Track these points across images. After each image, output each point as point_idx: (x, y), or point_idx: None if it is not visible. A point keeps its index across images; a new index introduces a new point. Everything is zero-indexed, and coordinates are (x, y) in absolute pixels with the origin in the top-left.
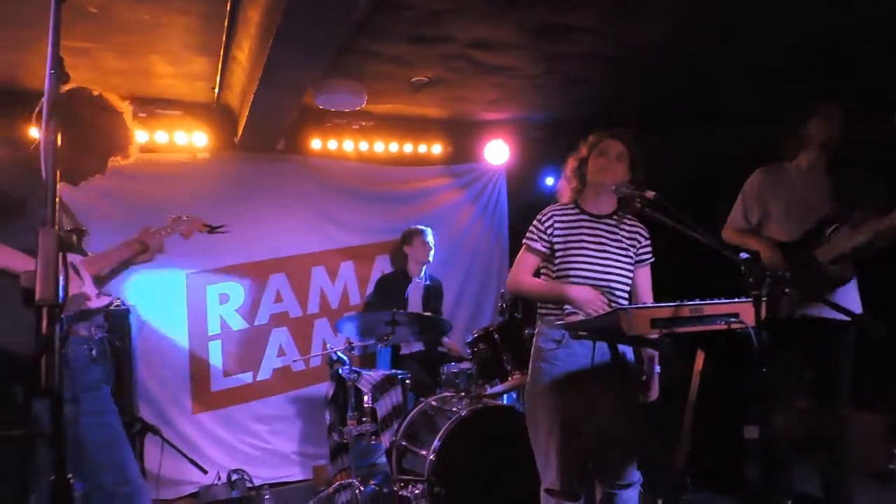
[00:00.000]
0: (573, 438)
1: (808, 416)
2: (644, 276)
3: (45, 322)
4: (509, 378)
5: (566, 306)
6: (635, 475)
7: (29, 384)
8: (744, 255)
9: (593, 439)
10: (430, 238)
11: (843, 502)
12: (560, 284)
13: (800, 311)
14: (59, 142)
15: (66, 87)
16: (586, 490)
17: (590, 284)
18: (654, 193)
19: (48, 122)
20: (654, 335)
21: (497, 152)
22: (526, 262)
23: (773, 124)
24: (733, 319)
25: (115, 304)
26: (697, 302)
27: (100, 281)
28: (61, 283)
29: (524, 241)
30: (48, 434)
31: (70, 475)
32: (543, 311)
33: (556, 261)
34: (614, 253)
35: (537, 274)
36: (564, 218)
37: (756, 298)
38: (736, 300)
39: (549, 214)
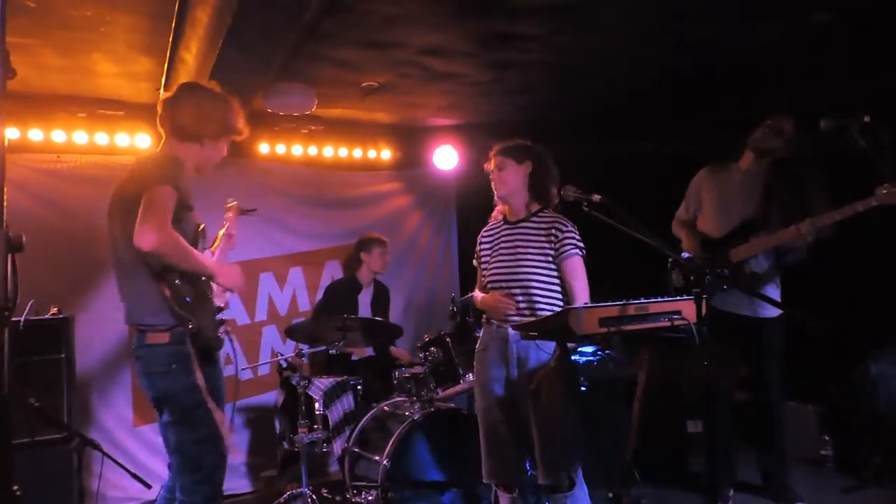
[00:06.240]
0: (494, 437)
1: (746, 408)
2: (568, 268)
3: None
4: (461, 381)
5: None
6: (571, 469)
7: None
8: (685, 255)
9: (519, 439)
10: (388, 250)
11: (780, 488)
12: (479, 296)
13: (721, 308)
14: None
15: (169, 92)
16: (520, 483)
17: (502, 287)
18: (599, 196)
19: None
20: (603, 333)
21: (446, 158)
22: (477, 279)
23: (713, 131)
24: (676, 316)
25: (53, 312)
26: (643, 300)
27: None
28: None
29: None
30: None
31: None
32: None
33: (483, 273)
34: (526, 253)
35: None
36: (488, 233)
37: (697, 296)
38: (678, 298)
39: (481, 232)
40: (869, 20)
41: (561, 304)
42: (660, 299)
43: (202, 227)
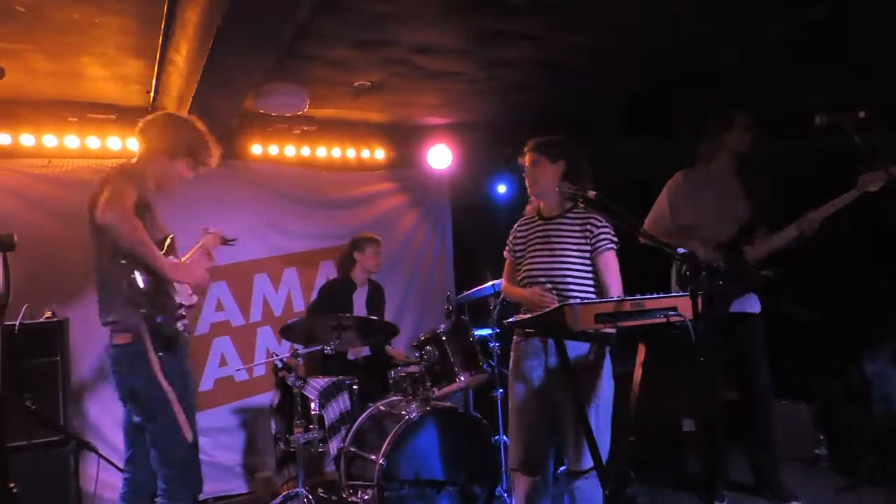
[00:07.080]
0: (527, 422)
1: (736, 405)
2: (603, 264)
3: None
4: (457, 380)
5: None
6: (590, 462)
7: None
8: (681, 251)
9: (551, 426)
10: (381, 249)
11: (774, 486)
12: (520, 289)
13: (725, 307)
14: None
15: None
16: (545, 471)
17: (539, 282)
18: (594, 193)
19: None
20: (599, 329)
21: (440, 157)
22: (505, 270)
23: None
24: (672, 313)
25: (47, 315)
26: (639, 296)
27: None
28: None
29: None
30: None
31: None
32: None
33: (517, 267)
34: (563, 248)
35: None
36: (523, 226)
37: (693, 292)
38: (674, 294)
39: (515, 226)
40: (864, 18)
41: (595, 298)
42: (656, 295)
43: (171, 237)
